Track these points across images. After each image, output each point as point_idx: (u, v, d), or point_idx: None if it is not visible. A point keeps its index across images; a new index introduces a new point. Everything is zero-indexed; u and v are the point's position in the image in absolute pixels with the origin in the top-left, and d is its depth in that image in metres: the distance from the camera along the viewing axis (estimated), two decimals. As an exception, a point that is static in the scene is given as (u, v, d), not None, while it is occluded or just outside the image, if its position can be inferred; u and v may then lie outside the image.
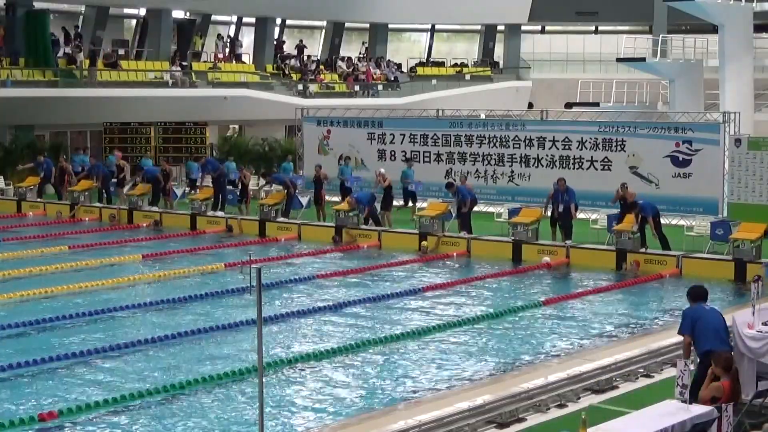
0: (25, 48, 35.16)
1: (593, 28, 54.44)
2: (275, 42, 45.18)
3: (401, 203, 27.15)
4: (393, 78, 46.44)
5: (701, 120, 25.68)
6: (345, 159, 28.56)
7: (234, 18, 45.50)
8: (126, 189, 29.22)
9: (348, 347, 14.27)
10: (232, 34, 45.42)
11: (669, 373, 12.14)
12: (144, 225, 26.76)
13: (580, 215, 22.91)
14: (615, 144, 25.10)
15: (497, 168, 27.14)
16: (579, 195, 22.73)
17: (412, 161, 27.90)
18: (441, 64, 50.19)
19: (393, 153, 28.89)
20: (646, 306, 17.65)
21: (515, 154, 26.88)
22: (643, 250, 20.78)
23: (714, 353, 10.01)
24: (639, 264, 20.33)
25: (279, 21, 45.60)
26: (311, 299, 17.81)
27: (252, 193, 28.24)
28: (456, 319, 16.14)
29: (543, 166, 26.32)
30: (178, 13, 41.63)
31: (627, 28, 52.01)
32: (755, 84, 36.98)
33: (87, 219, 27.83)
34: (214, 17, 43.80)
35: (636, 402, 10.75)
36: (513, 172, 26.91)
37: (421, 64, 49.85)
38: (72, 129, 37.20)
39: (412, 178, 27.34)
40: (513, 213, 23.74)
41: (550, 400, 11.38)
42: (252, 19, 44.37)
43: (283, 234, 24.86)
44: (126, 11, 42.90)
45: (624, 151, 24.87)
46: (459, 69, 49.22)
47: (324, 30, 48.47)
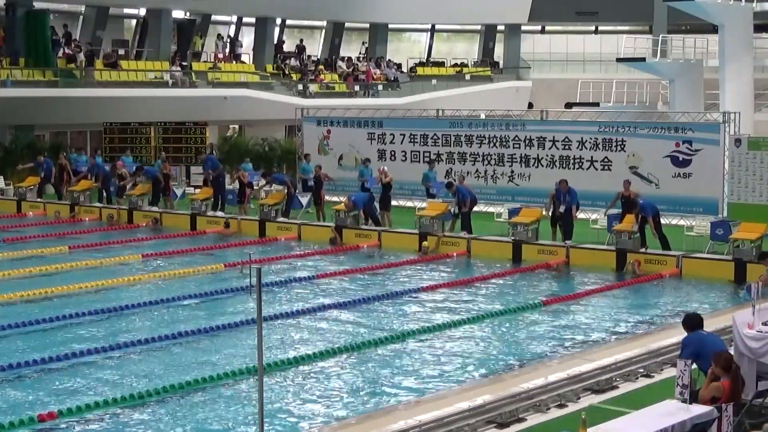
0: (25, 48, 35.17)
1: (593, 28, 54.45)
2: (275, 42, 45.19)
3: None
4: (393, 78, 46.44)
5: (701, 120, 25.68)
6: (365, 161, 28.13)
7: (234, 18, 45.51)
8: (128, 188, 29.15)
9: (348, 347, 14.27)
10: (232, 34, 45.44)
11: (669, 373, 12.14)
12: (144, 225, 26.77)
13: (580, 215, 22.91)
14: (615, 144, 25.11)
15: (497, 168, 27.15)
16: (579, 195, 22.70)
17: (434, 163, 27.53)
18: (441, 64, 50.18)
19: (393, 153, 28.90)
20: (646, 306, 17.64)
21: (515, 154, 26.89)
22: (643, 250, 20.79)
23: (714, 353, 10.00)
24: (640, 263, 20.34)
25: (279, 21, 45.61)
26: (311, 299, 17.81)
27: (251, 193, 28.21)
28: (456, 319, 16.13)
29: (543, 166, 26.33)
30: (178, 13, 41.63)
31: (627, 28, 52.02)
32: (755, 84, 36.99)
33: (87, 219, 27.84)
34: (214, 17, 43.81)
35: (636, 402, 10.75)
36: (513, 172, 26.92)
37: (421, 64, 49.84)
38: (72, 129, 37.23)
39: (434, 180, 27.04)
40: (513, 213, 23.75)
41: (550, 400, 11.37)
42: (252, 19, 44.38)
43: (283, 234, 24.87)
44: (126, 11, 42.91)
45: (624, 151, 24.88)
46: (459, 69, 49.21)
47: (324, 30, 48.48)
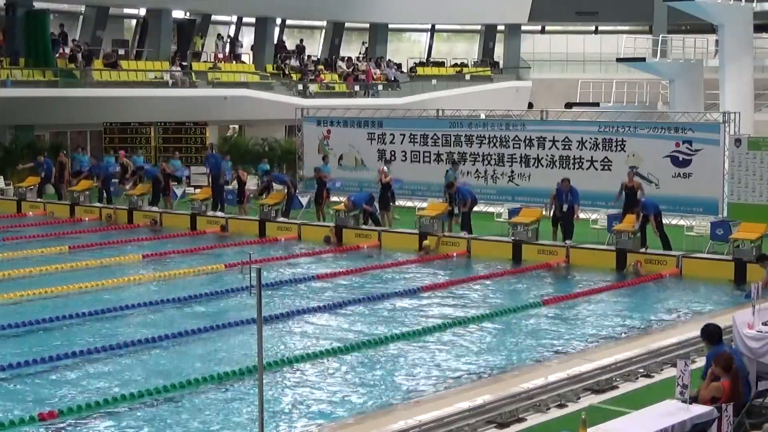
0: (25, 48, 35.17)
1: (593, 28, 54.45)
2: (275, 42, 45.19)
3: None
4: (393, 78, 46.44)
5: (701, 120, 25.68)
6: (387, 163, 27.73)
7: (234, 18, 45.52)
8: (128, 187, 29.18)
9: (348, 347, 14.27)
10: (232, 34, 45.44)
11: (669, 373, 12.13)
12: (143, 225, 26.76)
13: (580, 215, 22.85)
14: (615, 144, 25.11)
15: (497, 168, 27.14)
16: (579, 195, 22.61)
17: (458, 164, 27.03)
18: (441, 64, 50.18)
19: (393, 153, 28.90)
20: (645, 306, 17.63)
21: (515, 154, 26.89)
22: (643, 250, 20.78)
23: (715, 353, 10.00)
24: (641, 263, 20.31)
25: (279, 21, 45.61)
26: (311, 299, 17.81)
27: (250, 193, 28.17)
28: (456, 319, 16.13)
29: (543, 166, 26.33)
30: (178, 13, 41.64)
31: (627, 28, 52.02)
32: (755, 84, 36.97)
33: (87, 219, 27.86)
34: (214, 17, 43.81)
35: (636, 402, 10.75)
36: (513, 172, 26.92)
37: (421, 64, 49.84)
38: (72, 129, 37.22)
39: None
40: (513, 213, 23.73)
41: (550, 400, 11.37)
42: (252, 19, 44.38)
43: (283, 234, 24.86)
44: (126, 11, 42.92)
45: (624, 151, 24.88)
46: (459, 69, 49.21)
47: (324, 30, 48.48)
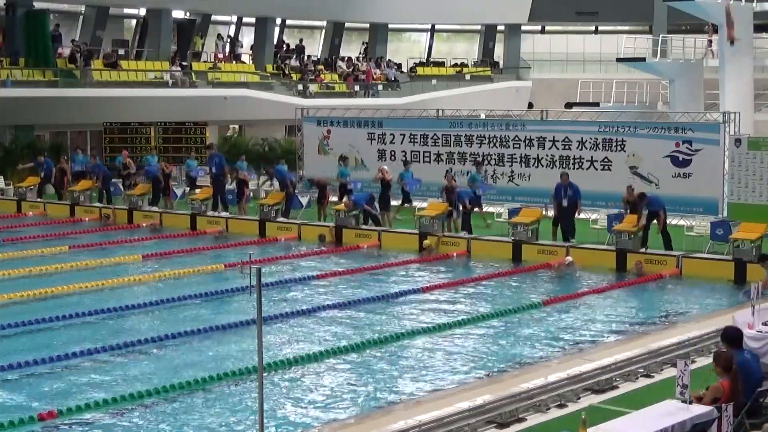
0: (25, 48, 35.17)
1: (593, 28, 54.44)
2: (275, 42, 45.19)
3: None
4: (393, 78, 46.44)
5: (701, 120, 25.69)
6: (406, 164, 27.55)
7: (234, 18, 45.52)
8: (139, 180, 29.13)
9: (348, 347, 14.27)
10: (232, 34, 45.44)
11: (669, 373, 12.14)
12: (144, 225, 26.77)
13: (580, 215, 22.82)
14: (615, 144, 25.11)
15: (497, 168, 27.15)
16: (580, 191, 22.54)
17: (482, 165, 26.63)
18: (441, 64, 50.17)
19: (393, 153, 28.89)
20: (646, 306, 17.64)
21: (515, 154, 26.90)
22: (643, 249, 20.76)
23: (714, 353, 10.00)
24: (642, 263, 20.28)
25: (279, 21, 45.61)
26: (311, 299, 17.81)
27: (251, 193, 28.15)
28: (456, 320, 16.13)
29: (543, 166, 26.34)
30: (178, 13, 41.63)
31: (627, 28, 52.01)
32: (755, 84, 36.96)
33: (87, 219, 27.85)
34: (214, 17, 43.80)
35: (636, 402, 10.75)
36: (513, 172, 26.92)
37: (421, 64, 49.83)
38: (72, 129, 37.21)
39: (481, 182, 25.84)
40: (513, 213, 23.73)
41: (550, 400, 11.37)
42: (252, 19, 44.37)
43: (283, 234, 24.86)
44: (126, 11, 42.91)
45: (624, 151, 24.88)
46: (459, 69, 49.21)
47: (324, 30, 48.47)
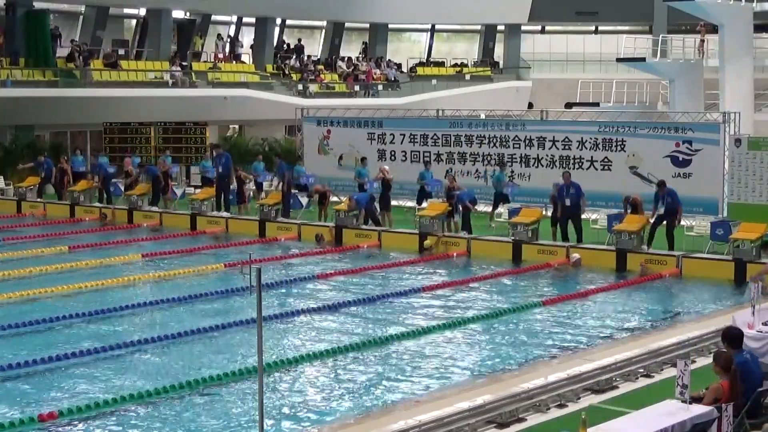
0: (25, 48, 35.17)
1: (593, 28, 54.44)
2: (275, 42, 45.19)
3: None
4: (393, 78, 46.44)
5: (701, 120, 25.70)
6: (426, 164, 27.51)
7: (234, 18, 45.52)
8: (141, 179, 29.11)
9: (348, 347, 14.26)
10: (232, 34, 45.44)
11: (669, 373, 12.14)
12: (145, 225, 26.77)
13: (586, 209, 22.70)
14: (615, 144, 25.12)
15: (497, 168, 27.12)
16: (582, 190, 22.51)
17: (504, 165, 26.50)
18: (441, 64, 50.18)
19: (393, 153, 28.90)
20: (646, 306, 17.64)
21: (515, 154, 26.90)
22: (644, 249, 20.74)
23: (714, 353, 10.01)
24: (647, 263, 20.21)
25: (279, 21, 45.62)
26: (311, 299, 17.81)
27: (251, 193, 28.15)
28: (456, 319, 16.14)
29: (543, 166, 26.35)
30: (178, 13, 41.64)
31: (627, 28, 52.01)
32: (755, 84, 36.98)
33: (87, 219, 27.85)
34: (214, 17, 43.80)
35: (636, 402, 10.75)
36: (513, 172, 26.92)
37: (421, 64, 49.84)
38: (72, 129, 37.22)
39: (503, 181, 25.75)
40: (513, 213, 23.74)
41: (550, 400, 11.37)
42: (252, 19, 44.38)
43: (283, 234, 24.86)
44: (126, 11, 42.92)
45: (624, 151, 24.89)
46: (459, 69, 49.21)
47: (324, 30, 48.48)
